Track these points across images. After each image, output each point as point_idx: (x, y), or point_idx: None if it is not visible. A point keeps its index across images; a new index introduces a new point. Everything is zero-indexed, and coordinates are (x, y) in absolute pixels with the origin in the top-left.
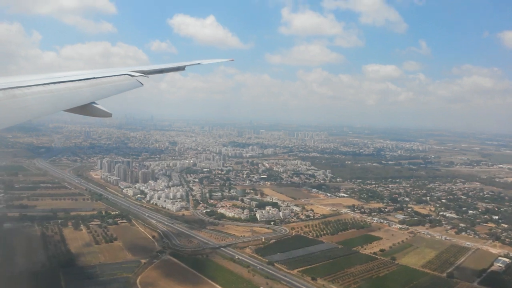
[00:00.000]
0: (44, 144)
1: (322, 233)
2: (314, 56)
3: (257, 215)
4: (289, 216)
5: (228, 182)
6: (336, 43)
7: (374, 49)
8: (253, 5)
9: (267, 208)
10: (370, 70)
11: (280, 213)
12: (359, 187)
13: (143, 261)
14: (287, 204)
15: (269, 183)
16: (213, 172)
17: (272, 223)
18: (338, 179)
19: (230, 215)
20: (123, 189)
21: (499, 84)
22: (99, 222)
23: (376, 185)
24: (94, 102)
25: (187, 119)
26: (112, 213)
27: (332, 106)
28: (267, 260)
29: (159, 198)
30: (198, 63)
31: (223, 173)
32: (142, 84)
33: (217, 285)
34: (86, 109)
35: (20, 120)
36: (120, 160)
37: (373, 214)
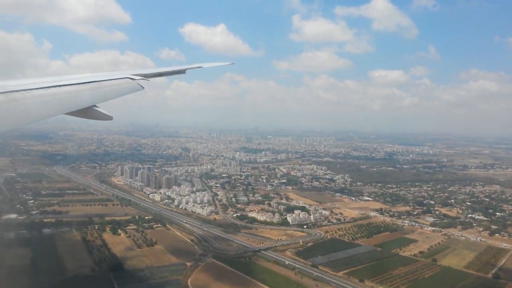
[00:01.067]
0: (59, 151)
1: (357, 236)
2: (322, 62)
3: (289, 219)
4: (320, 220)
5: (250, 187)
6: (346, 49)
7: (383, 55)
8: (264, 12)
9: (296, 212)
10: (377, 76)
11: (311, 216)
12: (381, 190)
13: (188, 264)
14: (315, 208)
15: (290, 188)
16: (232, 177)
17: (305, 226)
18: (358, 183)
19: (262, 219)
20: (148, 194)
21: (505, 88)
22: (135, 227)
23: (398, 189)
24: (95, 106)
25: (191, 125)
26: (146, 218)
27: (337, 112)
28: (310, 263)
29: (187, 203)
30: (199, 67)
31: (242, 178)
32: (143, 88)
33: None
34: (87, 112)
35: (21, 124)
36: (138, 166)
37: (402, 217)
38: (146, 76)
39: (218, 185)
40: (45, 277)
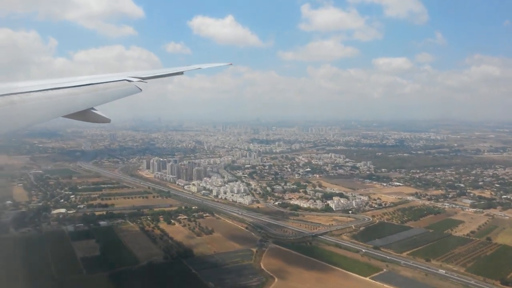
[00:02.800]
0: (75, 148)
1: (404, 219)
2: (330, 51)
3: (332, 205)
4: (362, 205)
5: (278, 176)
6: (354, 37)
7: (391, 42)
8: (273, 2)
9: (335, 198)
10: (381, 63)
11: (353, 202)
12: (407, 176)
13: (253, 249)
14: (352, 194)
15: (317, 176)
16: (256, 167)
17: (350, 212)
18: (382, 170)
19: (305, 206)
20: (183, 186)
21: (508, 73)
22: (185, 217)
23: (423, 174)
24: (92, 108)
25: (192, 119)
26: (192, 208)
27: (338, 101)
28: (372, 245)
29: (225, 193)
30: (198, 68)
31: (266, 168)
32: (141, 90)
33: (344, 270)
34: (85, 114)
35: (19, 126)
36: (162, 160)
37: (440, 200)
38: (144, 78)
39: (245, 175)
40: (121, 266)
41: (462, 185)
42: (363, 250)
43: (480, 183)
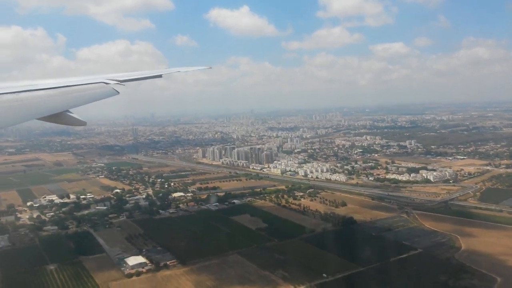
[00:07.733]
0: (103, 144)
1: (506, 184)
2: (337, 38)
3: (430, 177)
4: (453, 176)
5: (339, 157)
6: (365, 22)
7: (399, 27)
8: None
9: (421, 172)
10: (380, 49)
11: (446, 173)
12: (460, 151)
13: (403, 215)
14: (435, 167)
15: (375, 155)
16: (308, 151)
17: (450, 181)
18: (432, 147)
19: (404, 179)
20: (260, 169)
21: (495, 54)
22: (302, 193)
23: (474, 148)
24: (68, 111)
25: (185, 114)
26: (301, 186)
27: (326, 90)
28: (507, 205)
29: (311, 172)
30: (177, 71)
31: (318, 151)
32: (118, 92)
33: None
34: (60, 117)
35: None
36: (221, 147)
37: None
38: (121, 81)
39: (306, 157)
40: (303, 234)
41: None
42: (506, 210)
43: None
